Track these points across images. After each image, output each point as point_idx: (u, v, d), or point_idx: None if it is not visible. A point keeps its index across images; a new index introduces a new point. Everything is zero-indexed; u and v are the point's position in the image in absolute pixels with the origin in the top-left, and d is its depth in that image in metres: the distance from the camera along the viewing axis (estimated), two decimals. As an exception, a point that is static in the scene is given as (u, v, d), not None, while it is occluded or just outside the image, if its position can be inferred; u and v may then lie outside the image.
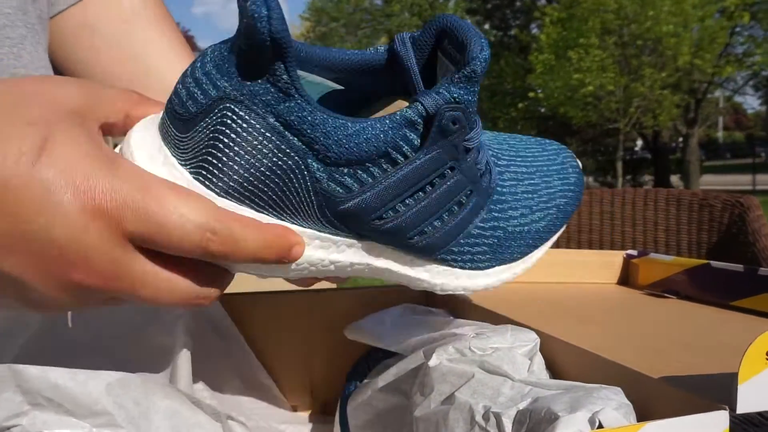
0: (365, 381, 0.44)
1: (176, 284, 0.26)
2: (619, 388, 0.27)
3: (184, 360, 0.36)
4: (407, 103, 0.28)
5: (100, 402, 0.26)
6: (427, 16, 17.55)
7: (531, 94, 10.58)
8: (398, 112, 0.27)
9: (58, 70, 0.56)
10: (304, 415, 0.55)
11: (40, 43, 0.52)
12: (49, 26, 0.55)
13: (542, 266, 0.61)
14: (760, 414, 0.30)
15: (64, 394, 0.26)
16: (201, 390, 0.43)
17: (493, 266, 0.35)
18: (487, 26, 17.84)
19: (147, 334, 0.39)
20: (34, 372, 0.26)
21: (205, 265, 0.27)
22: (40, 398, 0.25)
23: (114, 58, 0.55)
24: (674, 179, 13.05)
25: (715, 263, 0.53)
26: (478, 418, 0.28)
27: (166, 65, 0.56)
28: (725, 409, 0.25)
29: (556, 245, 0.47)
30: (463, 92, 0.28)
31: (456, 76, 0.27)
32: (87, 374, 0.26)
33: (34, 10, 0.52)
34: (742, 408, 0.25)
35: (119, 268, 0.25)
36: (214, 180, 0.26)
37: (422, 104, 0.27)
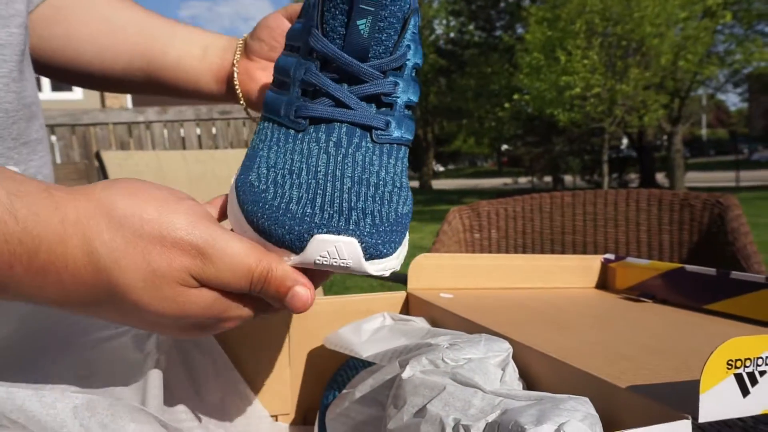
0: (343, 391, 0.44)
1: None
2: (586, 399, 0.28)
3: (154, 377, 0.36)
4: None
5: (66, 425, 0.26)
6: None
7: (516, 96, 10.64)
8: None
9: (35, 60, 0.57)
10: (285, 424, 0.55)
11: (30, 66, 0.55)
12: None
13: (522, 271, 0.62)
14: (725, 422, 0.31)
15: (30, 416, 0.26)
16: (179, 400, 0.43)
17: None
18: (471, 27, 17.91)
19: (117, 346, 0.39)
20: (0, 393, 0.26)
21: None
22: (5, 420, 0.25)
23: (86, 21, 0.57)
24: (659, 177, 13.18)
25: (689, 267, 0.54)
26: (449, 430, 0.28)
27: (134, 15, 0.59)
28: (688, 419, 0.25)
29: (539, 249, 0.48)
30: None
31: None
32: (54, 395, 0.26)
33: (28, 38, 0.53)
34: (704, 417, 0.25)
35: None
36: None
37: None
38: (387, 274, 0.34)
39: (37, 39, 0.57)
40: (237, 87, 0.54)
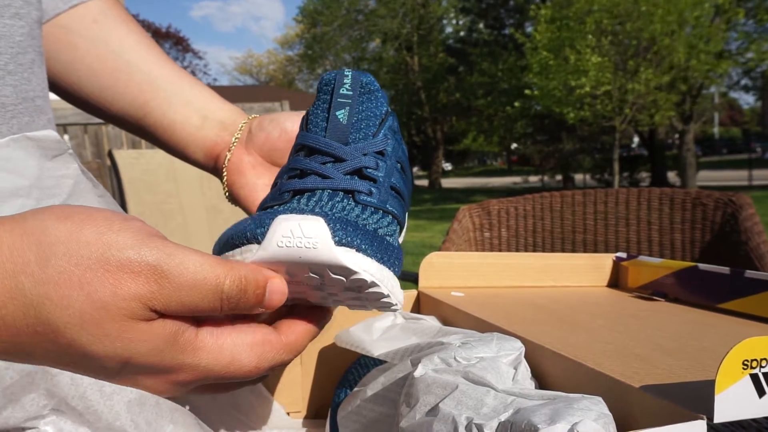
0: (355, 389, 0.44)
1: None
2: (599, 398, 0.28)
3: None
4: None
5: (120, 418, 0.26)
6: (420, 16, 17.55)
7: (527, 92, 10.58)
8: None
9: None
10: (298, 420, 0.55)
11: (44, 63, 0.54)
12: None
13: (533, 270, 0.62)
14: (739, 423, 0.31)
15: (88, 405, 0.26)
16: (193, 397, 0.43)
17: None
18: (481, 25, 17.85)
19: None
20: (65, 379, 0.26)
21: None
22: (64, 405, 0.26)
23: (93, 54, 0.57)
24: (671, 175, 13.07)
25: (702, 266, 0.53)
26: (461, 429, 0.28)
27: (143, 58, 0.58)
28: (703, 419, 0.25)
29: (550, 248, 0.48)
30: None
31: None
32: (113, 388, 0.27)
33: (40, 33, 0.53)
34: (719, 417, 0.25)
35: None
36: None
37: None
38: (371, 280, 0.30)
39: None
40: (224, 174, 0.51)
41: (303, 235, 0.28)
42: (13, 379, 0.25)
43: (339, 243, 0.29)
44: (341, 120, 0.36)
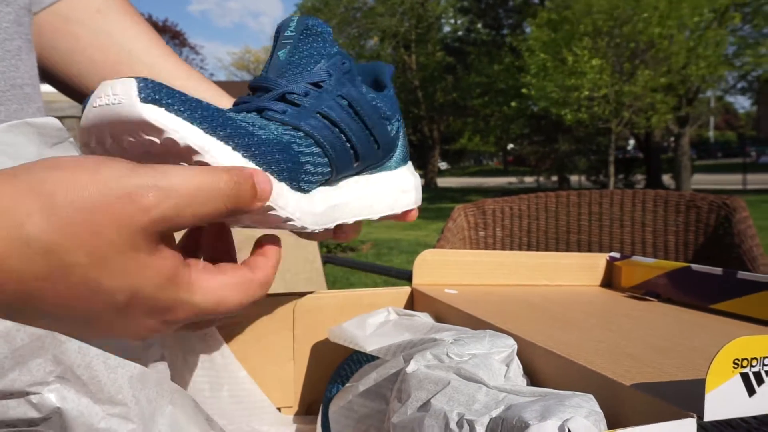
0: (347, 385, 0.44)
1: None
2: (591, 395, 0.28)
3: (161, 370, 0.36)
4: None
5: (122, 392, 0.26)
6: (419, 14, 17.55)
7: (524, 91, 10.59)
8: None
9: (41, 68, 0.56)
10: (289, 416, 0.55)
11: (33, 51, 0.53)
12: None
13: (527, 269, 0.62)
14: (728, 423, 0.31)
15: (93, 375, 0.26)
16: (190, 390, 0.43)
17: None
18: (479, 25, 17.85)
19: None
20: (73, 346, 0.26)
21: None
22: (70, 373, 0.26)
23: (95, 45, 0.55)
24: (666, 178, 13.12)
25: (695, 266, 0.53)
26: (453, 425, 0.28)
27: (146, 50, 0.57)
28: (693, 417, 0.25)
29: (544, 248, 0.48)
30: None
31: None
32: (117, 361, 0.27)
33: (29, 21, 0.52)
34: (709, 416, 0.25)
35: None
36: None
37: None
38: (182, 141, 0.29)
39: (38, 44, 0.55)
40: None
41: (112, 93, 0.29)
42: (23, 341, 0.25)
43: (144, 100, 0.28)
44: (281, 58, 0.38)
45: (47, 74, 0.57)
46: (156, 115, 0.29)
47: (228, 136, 0.31)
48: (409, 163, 0.47)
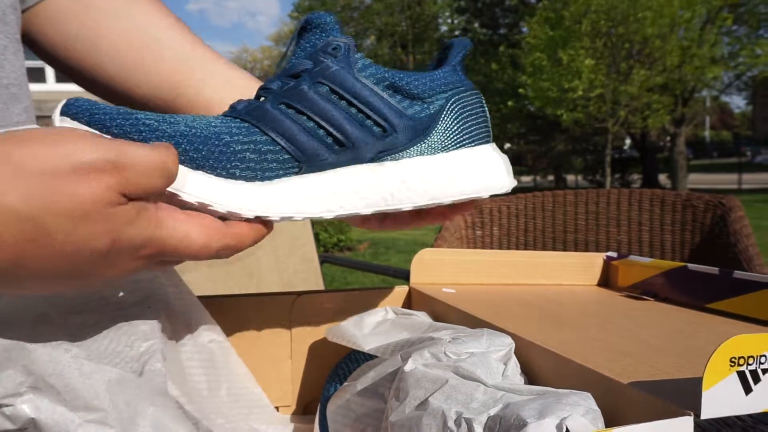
0: (345, 384, 0.44)
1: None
2: (588, 394, 0.28)
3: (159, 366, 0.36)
4: None
5: (98, 398, 0.26)
6: (416, 14, 17.54)
7: (521, 91, 10.59)
8: None
9: (54, 56, 0.55)
10: (286, 416, 0.55)
11: (20, 50, 0.52)
12: (39, 12, 0.54)
13: (525, 268, 0.62)
14: (725, 421, 0.31)
15: (66, 383, 0.26)
16: (181, 390, 0.43)
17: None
18: (476, 25, 17.87)
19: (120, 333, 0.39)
20: (43, 356, 0.26)
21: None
22: (42, 383, 0.25)
23: (115, 30, 0.53)
24: (662, 178, 13.16)
25: (691, 266, 0.54)
26: (451, 423, 0.28)
27: (173, 36, 0.54)
28: (690, 415, 0.25)
29: (541, 247, 0.48)
30: None
31: None
32: (92, 367, 0.27)
33: (15, 19, 0.51)
34: (706, 414, 0.25)
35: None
36: None
37: None
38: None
39: (57, 35, 0.53)
40: None
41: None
42: None
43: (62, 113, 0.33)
44: (288, 55, 0.40)
45: (71, 72, 0.56)
46: (64, 124, 0.33)
47: (123, 134, 0.34)
48: (478, 146, 0.43)
